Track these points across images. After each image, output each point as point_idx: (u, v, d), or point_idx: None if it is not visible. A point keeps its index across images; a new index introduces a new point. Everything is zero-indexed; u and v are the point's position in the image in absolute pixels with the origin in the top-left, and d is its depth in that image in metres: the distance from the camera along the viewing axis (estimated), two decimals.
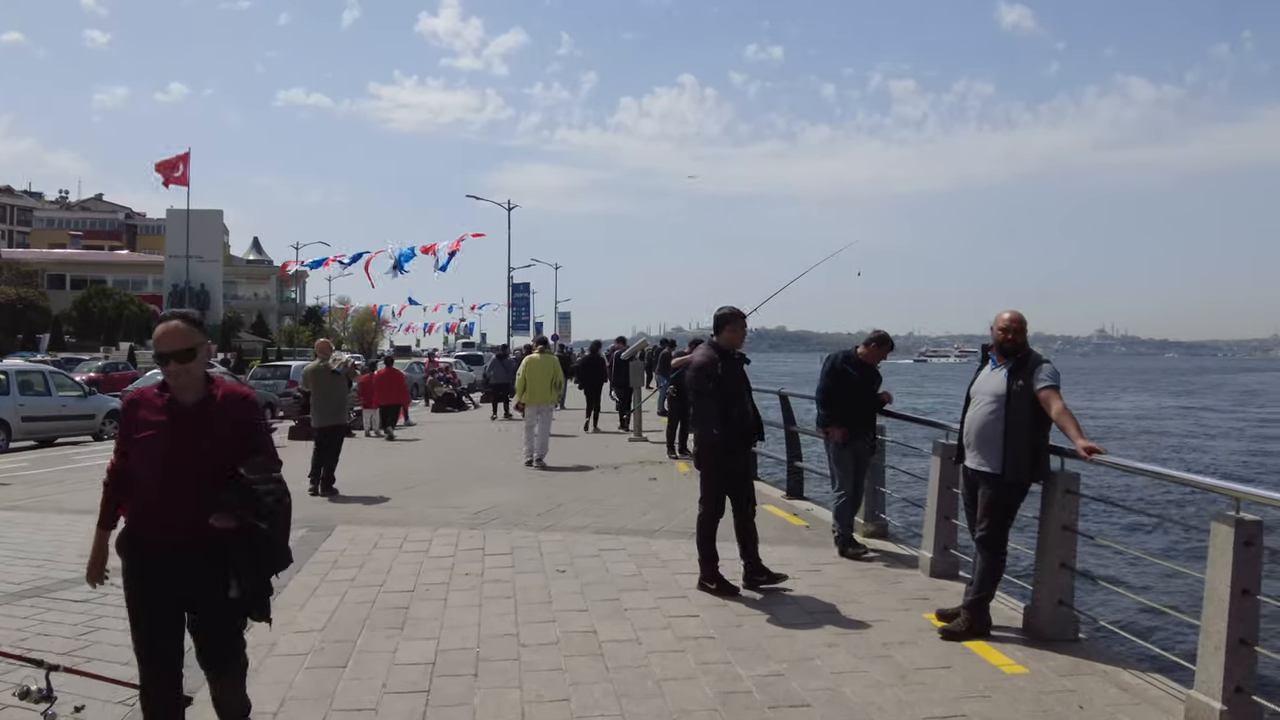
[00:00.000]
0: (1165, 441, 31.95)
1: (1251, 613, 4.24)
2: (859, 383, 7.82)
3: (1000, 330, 5.69)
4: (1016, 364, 5.59)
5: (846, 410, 7.75)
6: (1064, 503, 5.58)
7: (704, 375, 6.61)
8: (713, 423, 6.53)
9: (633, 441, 16.72)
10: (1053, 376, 5.46)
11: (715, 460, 6.67)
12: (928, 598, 6.52)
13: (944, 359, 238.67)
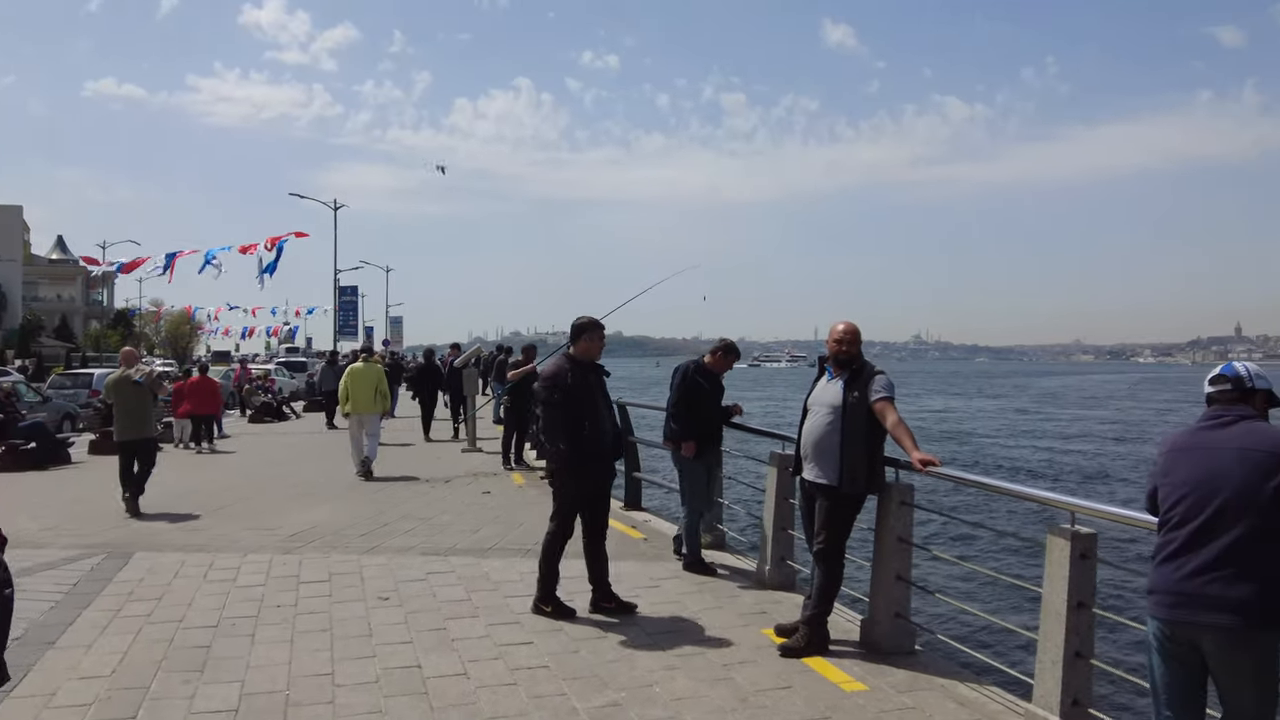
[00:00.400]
0: (994, 450, 33.42)
1: (1087, 625, 4.25)
2: (710, 394, 7.63)
3: (834, 342, 5.65)
4: (852, 375, 5.53)
5: (698, 423, 7.54)
6: (899, 514, 5.54)
7: (551, 385, 6.25)
8: (559, 437, 6.18)
9: (467, 452, 16.19)
10: (888, 388, 5.42)
11: (566, 476, 6.32)
12: (766, 611, 6.40)
13: (776, 364, 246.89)
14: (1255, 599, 3.10)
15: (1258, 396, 3.43)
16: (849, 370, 5.56)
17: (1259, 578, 3.12)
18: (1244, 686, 3.18)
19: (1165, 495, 3.42)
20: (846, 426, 5.42)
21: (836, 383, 5.58)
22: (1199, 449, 3.38)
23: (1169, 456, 3.48)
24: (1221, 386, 3.46)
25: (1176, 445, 3.50)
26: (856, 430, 5.39)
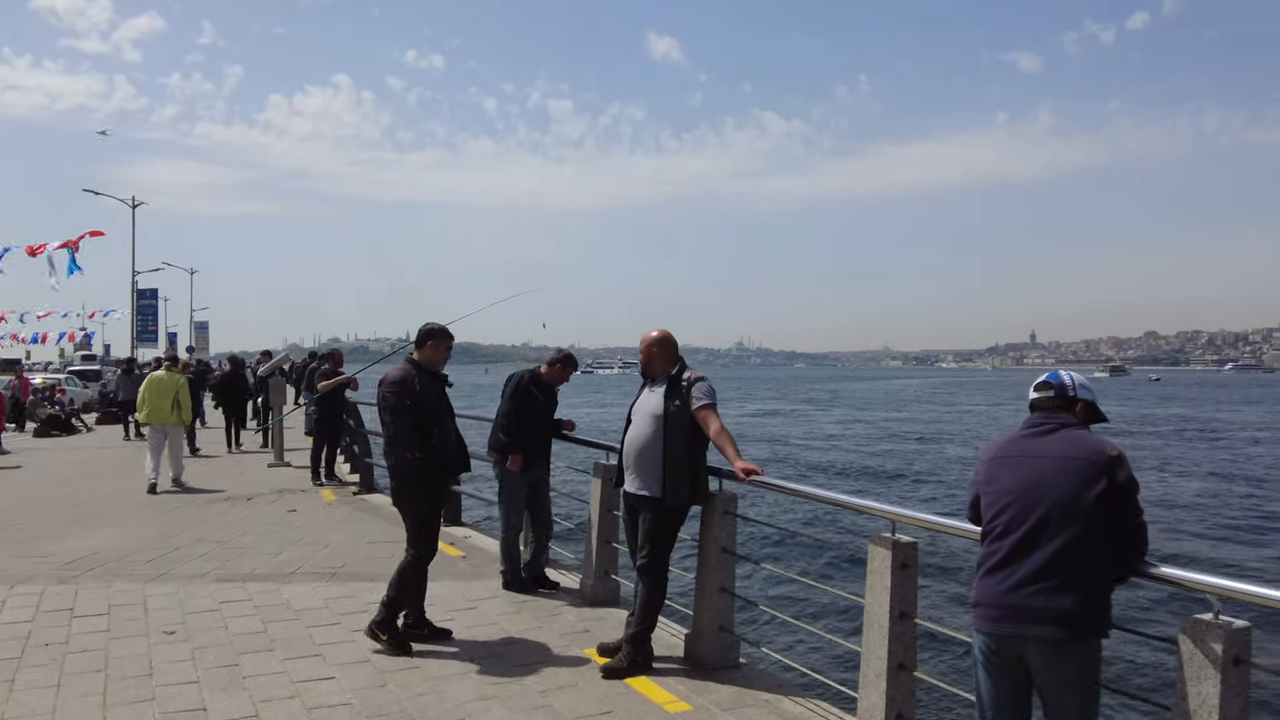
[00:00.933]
0: (821, 456, 34.19)
1: (910, 637, 4.18)
2: (544, 406, 7.27)
3: (642, 349, 5.50)
4: (671, 383, 5.36)
5: (529, 435, 7.16)
6: (723, 525, 5.39)
7: (401, 391, 5.72)
8: (410, 446, 5.69)
9: (274, 467, 15.22)
10: (709, 394, 5.27)
11: (418, 490, 5.81)
12: (589, 630, 6.14)
13: (608, 370, 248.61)
14: (1078, 609, 3.07)
15: (1079, 406, 3.43)
16: (665, 378, 5.39)
17: (1082, 587, 3.09)
18: (1069, 697, 3.15)
19: (988, 504, 3.36)
20: (668, 436, 5.24)
21: (658, 391, 5.39)
22: (1021, 457, 3.33)
23: (991, 464, 3.43)
24: (1045, 393, 3.45)
25: (998, 453, 3.45)
26: (678, 439, 5.21)
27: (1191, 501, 22.41)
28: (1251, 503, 22.47)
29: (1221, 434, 44.81)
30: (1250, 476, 27.24)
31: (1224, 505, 21.69)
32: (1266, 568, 14.85)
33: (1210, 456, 33.03)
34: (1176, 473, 28.17)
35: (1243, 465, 30.26)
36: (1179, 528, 18.62)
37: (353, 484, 12.99)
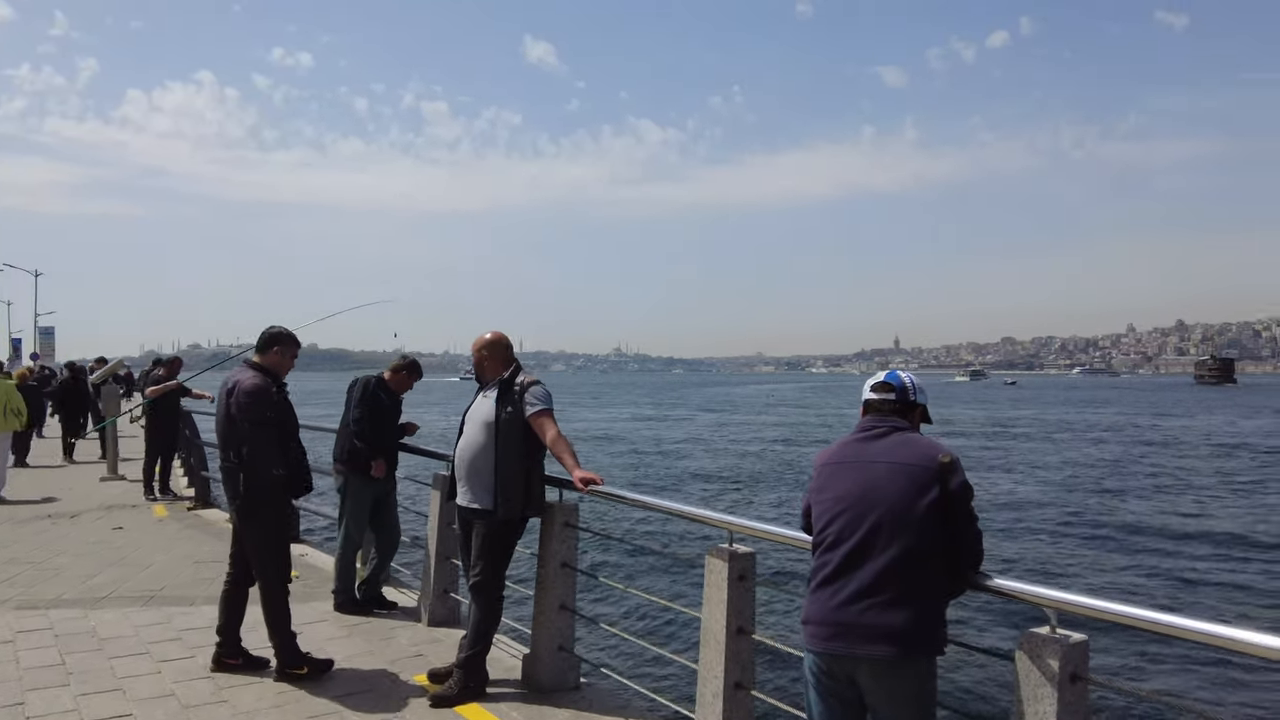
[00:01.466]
0: (683, 463, 33.81)
1: (748, 653, 3.97)
2: (390, 412, 6.85)
3: (474, 352, 5.17)
4: (503, 387, 5.04)
5: (383, 442, 6.73)
6: (562, 538, 5.11)
7: (261, 402, 5.16)
8: (274, 462, 5.18)
9: (106, 480, 14.19)
10: (544, 399, 4.96)
11: (276, 510, 5.30)
12: (423, 654, 5.75)
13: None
14: (911, 625, 2.88)
15: (916, 411, 3.27)
16: (497, 383, 5.08)
17: (915, 602, 2.91)
18: (904, 718, 2.95)
19: (819, 513, 3.15)
20: (500, 444, 4.90)
21: (490, 397, 5.06)
22: (852, 463, 3.13)
23: (823, 471, 3.22)
24: (885, 395, 3.25)
25: (831, 459, 3.23)
26: (510, 448, 4.89)
27: (1036, 507, 22.70)
28: (1096, 508, 22.77)
29: (1070, 434, 47.00)
30: (1094, 481, 28.11)
31: (1069, 511, 21.86)
32: (1112, 578, 14.82)
33: (1058, 459, 34.47)
34: (1023, 476, 29.07)
35: (1088, 469, 31.39)
36: (1022, 534, 18.73)
37: (188, 499, 12.19)
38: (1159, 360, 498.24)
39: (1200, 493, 25.10)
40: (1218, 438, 44.02)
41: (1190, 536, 18.50)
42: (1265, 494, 24.99)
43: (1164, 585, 14.20)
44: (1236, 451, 36.70)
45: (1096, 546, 17.62)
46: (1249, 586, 14.16)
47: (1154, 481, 27.61)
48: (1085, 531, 19.00)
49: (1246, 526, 19.60)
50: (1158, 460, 33.48)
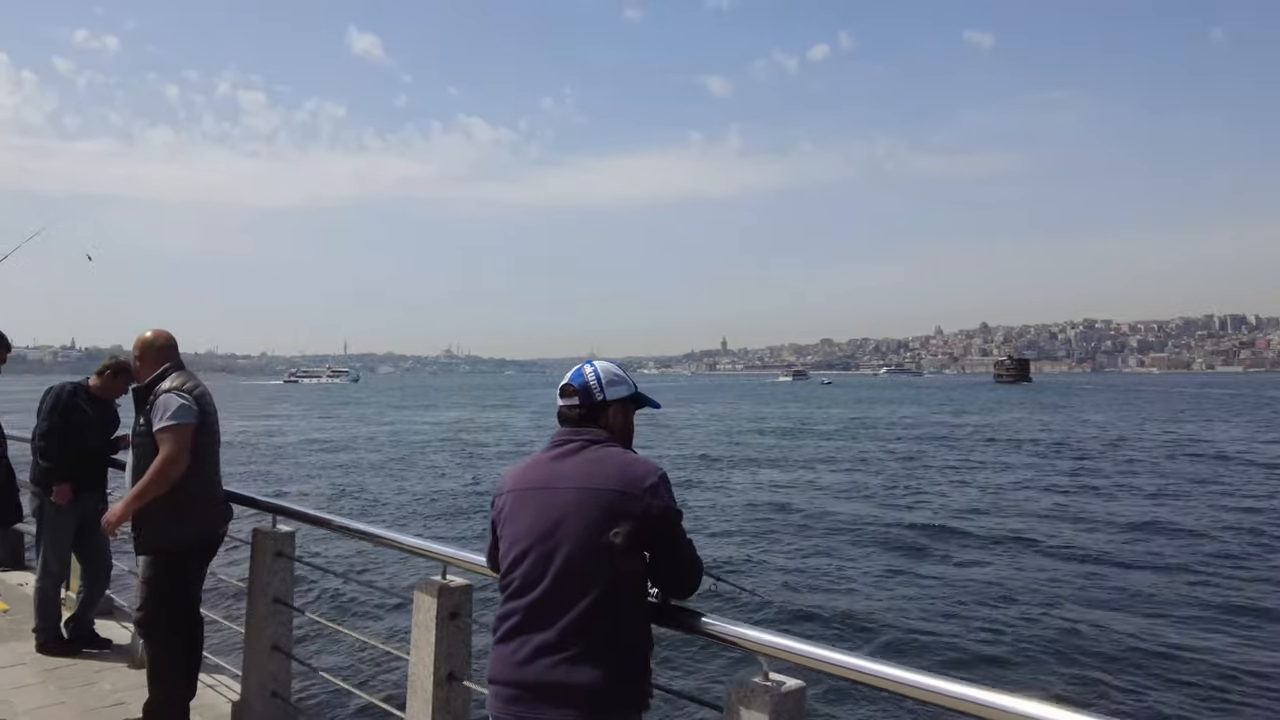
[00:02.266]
0: (447, 477, 29.42)
1: (460, 702, 3.51)
2: (96, 425, 6.01)
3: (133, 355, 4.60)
4: (139, 397, 4.43)
5: (77, 461, 5.88)
6: (275, 569, 4.52)
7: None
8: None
9: None
10: (176, 413, 4.24)
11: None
12: (125, 701, 5.01)
13: (316, 379, 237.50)
14: (606, 681, 2.46)
15: (611, 410, 2.74)
16: (144, 391, 4.44)
17: (611, 654, 2.49)
18: None
19: (504, 552, 2.66)
20: (136, 462, 4.34)
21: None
22: (539, 489, 2.64)
23: (508, 500, 2.70)
24: (569, 401, 2.74)
25: (516, 483, 2.72)
26: (147, 467, 4.26)
27: (807, 515, 21.01)
28: (865, 514, 21.07)
29: (872, 431, 48.89)
30: (873, 483, 27.23)
31: (827, 531, 19.06)
32: (848, 614, 12.44)
33: (849, 455, 35.63)
34: (802, 475, 29.02)
35: (868, 470, 31.05)
36: (774, 546, 17.24)
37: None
38: (965, 361, 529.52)
39: (978, 491, 25.23)
40: (1002, 433, 46.66)
41: (961, 535, 18.10)
42: (1027, 487, 25.62)
43: (923, 602, 13.17)
44: (1018, 448, 38.93)
45: (859, 559, 16.16)
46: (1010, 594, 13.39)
47: (928, 481, 27.48)
48: (828, 553, 16.82)
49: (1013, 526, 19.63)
50: (936, 458, 34.84)
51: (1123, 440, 41.26)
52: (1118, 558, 15.96)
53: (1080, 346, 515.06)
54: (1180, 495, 23.65)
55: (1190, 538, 17.75)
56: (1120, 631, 11.36)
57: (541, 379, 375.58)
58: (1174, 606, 12.73)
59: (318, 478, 28.54)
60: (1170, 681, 9.79)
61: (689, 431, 49.79)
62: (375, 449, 38.69)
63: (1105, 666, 10.19)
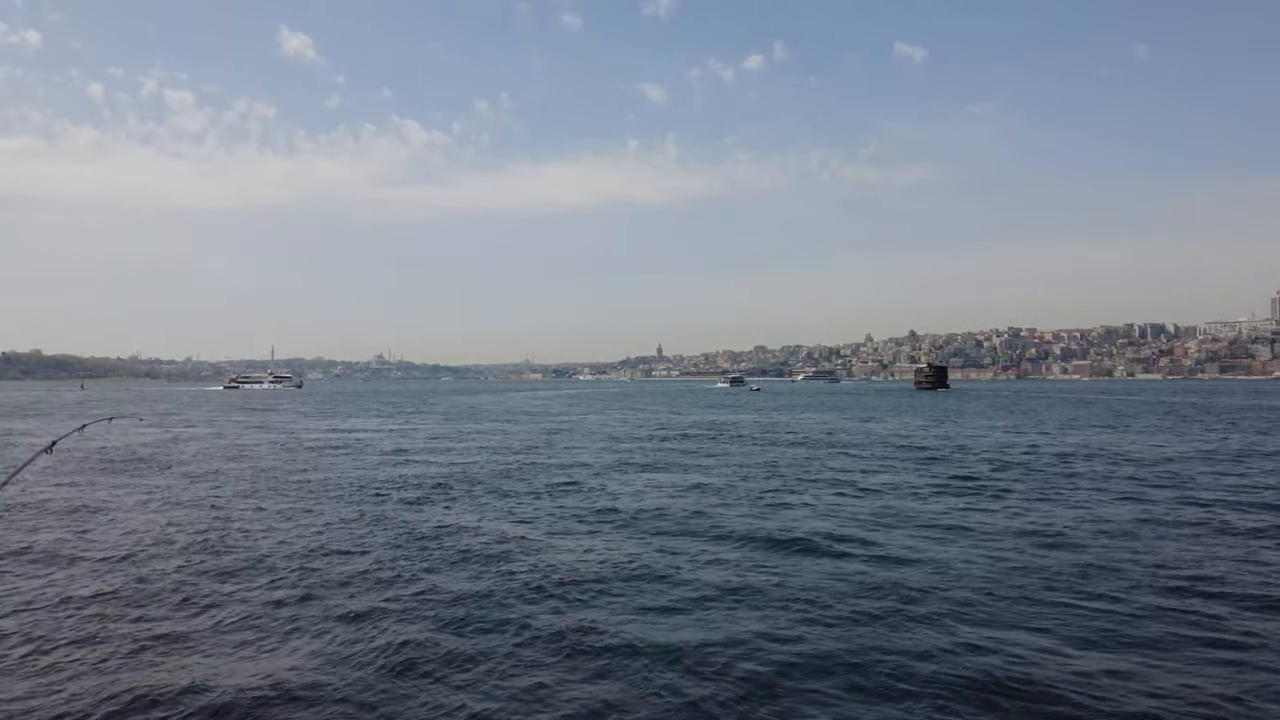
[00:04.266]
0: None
1: None
2: None
3: None
4: None
5: None
6: None
7: None
8: None
9: None
10: None
11: None
12: None
13: (258, 384, 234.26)
14: None
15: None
16: None
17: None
18: None
19: None
20: None
21: None
22: None
23: None
24: None
25: None
26: None
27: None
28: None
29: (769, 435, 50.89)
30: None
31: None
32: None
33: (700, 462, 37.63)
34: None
35: (711, 477, 34.51)
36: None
37: None
38: (894, 368, 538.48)
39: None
40: (878, 439, 49.05)
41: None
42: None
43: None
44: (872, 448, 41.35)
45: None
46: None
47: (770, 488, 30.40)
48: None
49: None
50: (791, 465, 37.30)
51: (999, 446, 43.33)
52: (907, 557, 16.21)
53: (1006, 354, 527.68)
54: (990, 496, 24.51)
55: (977, 537, 18.43)
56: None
57: (477, 385, 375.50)
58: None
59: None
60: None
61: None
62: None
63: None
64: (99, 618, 12.54)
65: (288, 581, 14.57)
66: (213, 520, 20.72)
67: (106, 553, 16.86)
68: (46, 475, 29.47)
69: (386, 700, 9.70)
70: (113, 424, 59.49)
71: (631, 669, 10.61)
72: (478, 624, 12.22)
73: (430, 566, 15.66)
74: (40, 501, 23.80)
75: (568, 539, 18.44)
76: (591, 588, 14.12)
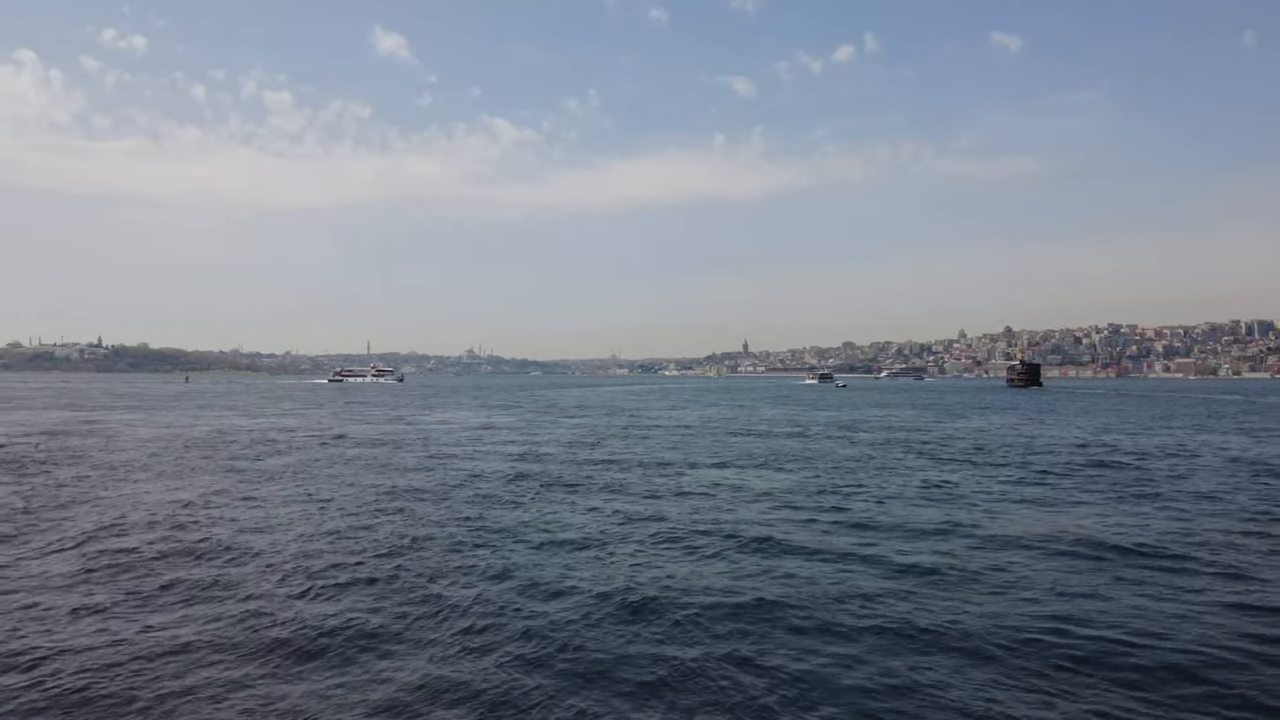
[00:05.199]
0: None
1: None
2: None
3: None
4: None
5: None
6: None
7: None
8: None
9: None
10: None
11: None
12: None
13: (361, 378, 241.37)
14: None
15: None
16: None
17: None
18: None
19: None
20: None
21: None
22: None
23: None
24: None
25: None
26: None
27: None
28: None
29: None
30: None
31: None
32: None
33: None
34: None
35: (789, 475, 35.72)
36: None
37: None
38: (988, 365, 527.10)
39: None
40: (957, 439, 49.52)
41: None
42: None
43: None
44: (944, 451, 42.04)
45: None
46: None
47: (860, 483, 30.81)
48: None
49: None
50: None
51: (1076, 446, 43.02)
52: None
53: (1105, 351, 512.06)
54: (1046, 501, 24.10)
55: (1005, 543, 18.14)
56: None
57: (564, 379, 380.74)
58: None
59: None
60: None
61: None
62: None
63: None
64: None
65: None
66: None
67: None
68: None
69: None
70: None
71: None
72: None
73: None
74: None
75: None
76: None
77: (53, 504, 22.39)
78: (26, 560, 15.90)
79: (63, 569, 15.27)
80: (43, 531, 18.66)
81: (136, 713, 9.37)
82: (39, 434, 46.12)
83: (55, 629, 11.84)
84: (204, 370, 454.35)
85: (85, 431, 48.30)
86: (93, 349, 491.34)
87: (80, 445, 39.41)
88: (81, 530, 18.78)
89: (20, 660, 10.66)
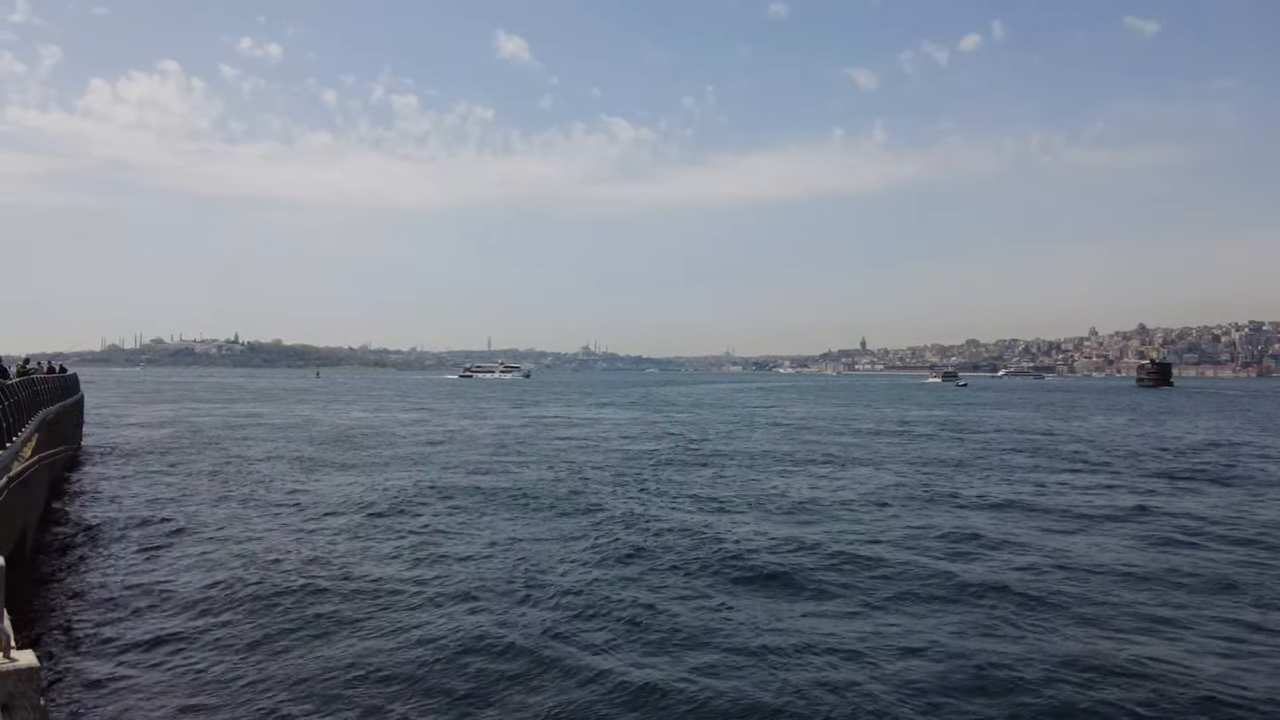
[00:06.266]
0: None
1: None
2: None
3: None
4: None
5: None
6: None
7: None
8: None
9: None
10: None
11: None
12: None
13: (489, 374, 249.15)
14: None
15: None
16: None
17: None
18: None
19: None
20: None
21: None
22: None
23: None
24: None
25: None
26: None
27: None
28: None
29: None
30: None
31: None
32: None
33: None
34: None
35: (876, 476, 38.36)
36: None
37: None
38: (1120, 363, 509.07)
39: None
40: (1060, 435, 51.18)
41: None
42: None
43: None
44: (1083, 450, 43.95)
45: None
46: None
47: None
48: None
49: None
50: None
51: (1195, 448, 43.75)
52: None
53: (1245, 350, 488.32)
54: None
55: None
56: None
57: (678, 376, 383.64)
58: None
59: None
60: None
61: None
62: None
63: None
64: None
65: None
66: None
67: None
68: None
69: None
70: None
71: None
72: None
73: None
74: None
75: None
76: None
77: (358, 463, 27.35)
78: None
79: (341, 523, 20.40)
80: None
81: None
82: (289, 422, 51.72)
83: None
84: (333, 365, 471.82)
85: (305, 422, 54.64)
86: (229, 345, 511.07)
87: (327, 431, 45.37)
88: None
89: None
